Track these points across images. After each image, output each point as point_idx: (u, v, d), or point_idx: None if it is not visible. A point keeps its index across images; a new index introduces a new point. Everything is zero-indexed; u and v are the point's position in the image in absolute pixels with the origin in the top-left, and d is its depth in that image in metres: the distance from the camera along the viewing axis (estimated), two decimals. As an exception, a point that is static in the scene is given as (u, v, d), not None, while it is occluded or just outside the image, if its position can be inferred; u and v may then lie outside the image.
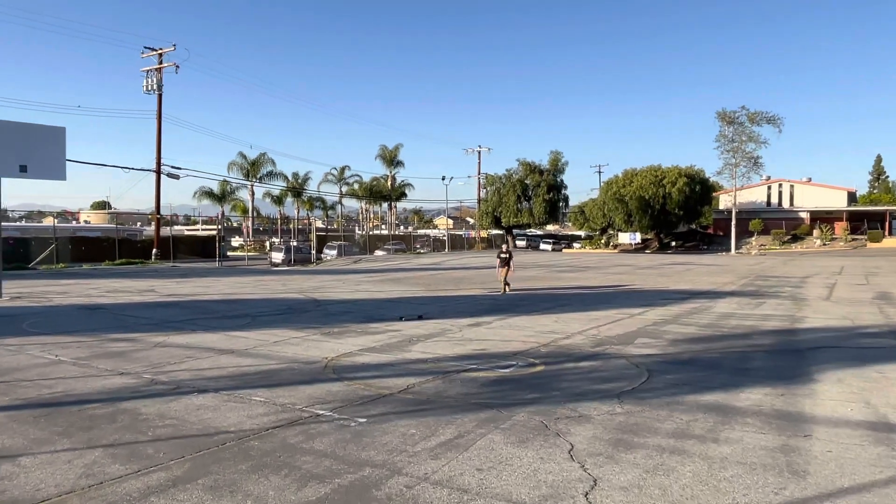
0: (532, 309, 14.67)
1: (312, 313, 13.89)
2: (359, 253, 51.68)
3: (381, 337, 10.48)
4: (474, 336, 10.59)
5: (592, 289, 20.61)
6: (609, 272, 29.20)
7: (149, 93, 37.61)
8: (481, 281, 23.92)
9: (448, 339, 10.20)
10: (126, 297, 17.11)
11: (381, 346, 9.48)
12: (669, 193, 64.99)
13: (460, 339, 10.21)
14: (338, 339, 10.26)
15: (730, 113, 57.14)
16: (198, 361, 8.23)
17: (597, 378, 7.34)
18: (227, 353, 8.86)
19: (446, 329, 11.43)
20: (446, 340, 10.13)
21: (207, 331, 11.05)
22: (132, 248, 41.42)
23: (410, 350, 9.23)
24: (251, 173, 71.03)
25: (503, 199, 64.67)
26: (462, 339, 10.21)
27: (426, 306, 15.25)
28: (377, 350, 9.17)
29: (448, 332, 10.99)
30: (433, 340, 10.12)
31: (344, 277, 25.76)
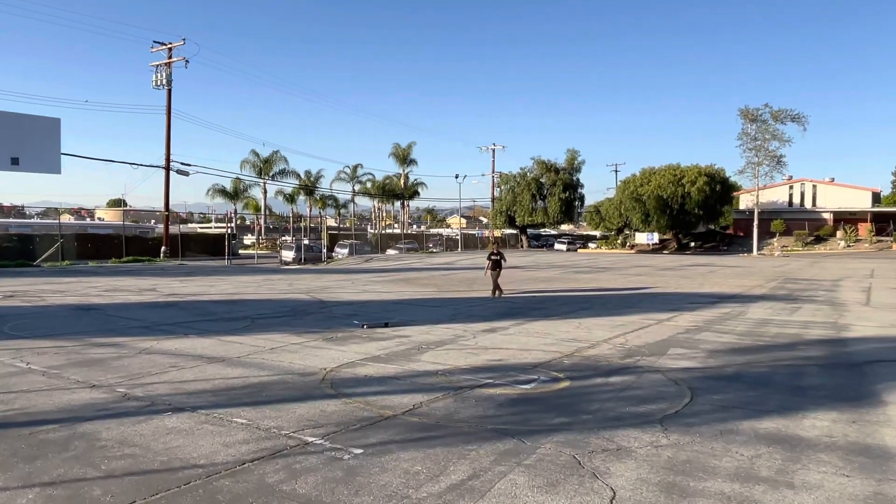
0: (551, 313, 13.70)
1: (316, 316, 13.04)
2: (370, 252, 50.91)
3: (387, 344, 9.58)
4: (489, 344, 9.66)
5: (613, 291, 19.58)
6: (628, 273, 28.11)
7: (158, 88, 37.02)
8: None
9: (461, 348, 9.28)
10: (124, 296, 16.37)
11: (387, 355, 8.58)
12: (689, 193, 63.56)
13: (474, 348, 9.28)
14: (340, 345, 9.37)
15: (753, 110, 55.70)
16: (181, 372, 7.38)
17: (632, 398, 6.38)
18: (217, 361, 8.00)
19: (459, 335, 10.50)
20: (459, 349, 9.20)
21: (201, 335, 10.22)
22: (143, 246, 40.96)
23: (419, 360, 8.32)
24: (263, 171, 70.56)
25: (518, 197, 63.60)
26: (476, 348, 9.28)
27: (438, 309, 14.34)
28: (382, 359, 8.27)
29: (461, 339, 10.06)
30: (445, 349, 9.20)
31: (353, 277, 24.93)
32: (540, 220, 63.90)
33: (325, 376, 7.17)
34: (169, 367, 7.65)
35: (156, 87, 37.09)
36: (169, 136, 37.18)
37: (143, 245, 41.45)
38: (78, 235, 39.10)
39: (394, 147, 78.47)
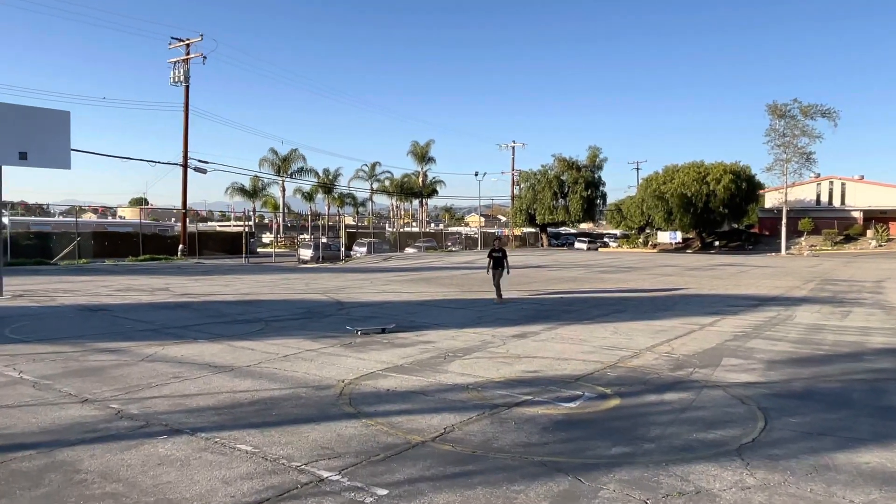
0: (583, 316, 12.83)
1: (333, 318, 12.30)
2: (389, 250, 50.28)
3: (410, 351, 8.80)
4: (522, 351, 8.84)
5: (644, 293, 18.63)
6: (656, 273, 27.07)
7: (176, 84, 36.68)
8: (518, 282, 22.10)
9: (491, 356, 8.46)
10: (135, 296, 15.79)
11: (411, 364, 7.79)
12: (714, 191, 62.06)
13: (506, 356, 8.46)
14: (359, 352, 8.60)
15: (781, 106, 54.03)
16: (184, 384, 6.66)
17: (696, 421, 5.52)
18: (224, 371, 7.27)
19: (487, 341, 9.69)
20: (489, 357, 8.39)
21: (211, 339, 9.52)
22: (161, 244, 40.73)
23: (446, 370, 7.52)
24: (282, 169, 70.37)
25: (538, 195, 62.55)
26: (508, 356, 8.46)
27: (462, 311, 13.54)
28: (406, 369, 7.48)
29: (490, 346, 9.25)
30: (473, 357, 8.39)
31: (372, 276, 24.22)
32: (561, 218, 62.78)
33: (343, 390, 6.41)
34: (171, 377, 6.94)
35: (174, 84, 36.75)
36: (186, 134, 36.84)
37: (161, 243, 41.21)
38: (96, 233, 38.91)
39: (412, 145, 77.90)
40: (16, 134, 13.66)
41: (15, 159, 13.70)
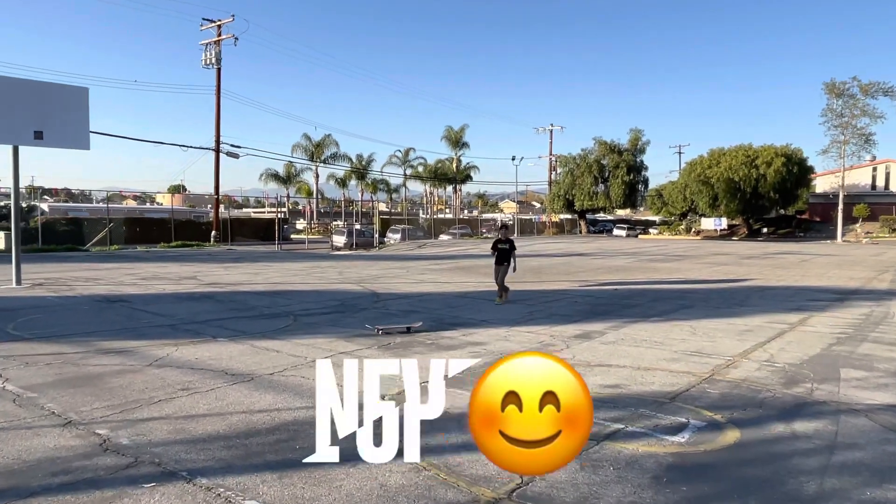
0: (648, 312, 11.37)
1: (369, 312, 11.11)
2: (423, 237, 49.12)
3: (458, 354, 7.53)
4: (592, 357, 7.48)
5: (704, 283, 17.00)
6: (710, 262, 25.26)
7: (208, 67, 35.92)
8: (565, 271, 20.66)
9: (556, 363, 7.12)
10: (160, 285, 14.88)
11: (464, 374, 6.51)
12: (764, 175, 59.12)
13: (574, 364, 7.10)
14: (401, 357, 7.36)
15: (839, 84, 50.84)
16: (193, 399, 5.50)
17: (857, 468, 4.11)
18: (243, 380, 6.11)
19: (546, 343, 8.36)
20: (554, 365, 7.05)
21: (232, 337, 8.41)
22: (195, 230, 40.34)
23: (507, 383, 6.21)
24: (315, 155, 69.69)
25: (577, 180, 60.53)
26: (577, 364, 7.10)
27: (509, 304, 12.21)
28: (458, 382, 6.20)
29: (551, 349, 7.91)
30: (535, 364, 7.06)
31: (408, 265, 23.03)
32: (601, 204, 60.69)
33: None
34: (180, 389, 5.79)
35: (205, 67, 36.00)
36: (219, 117, 36.12)
37: (195, 229, 40.84)
38: (129, 220, 38.68)
39: (446, 130, 76.29)
40: (30, 112, 12.75)
41: (30, 139, 12.80)
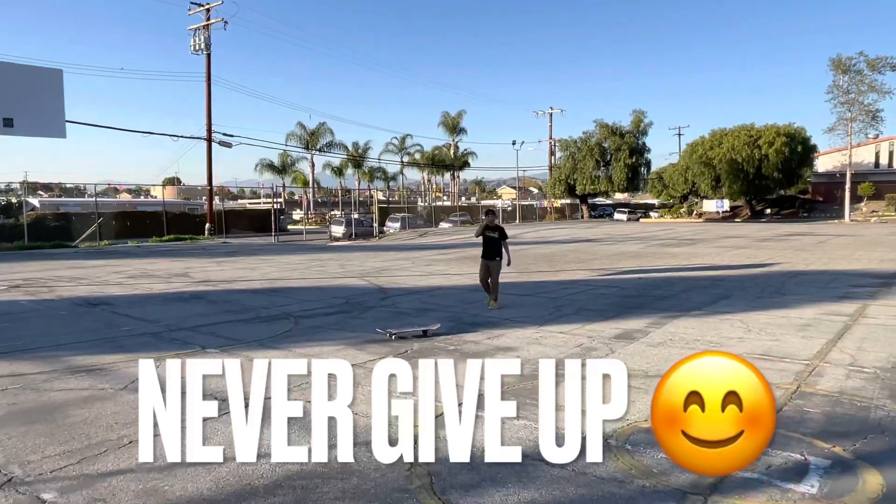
0: (686, 305, 10.30)
1: (377, 311, 10.01)
2: (423, 225, 47.97)
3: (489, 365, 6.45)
4: (646, 364, 6.40)
5: (731, 269, 15.93)
6: (725, 246, 24.20)
7: (197, 53, 34.53)
8: (579, 258, 19.58)
9: (607, 374, 6.04)
10: (148, 284, 13.74)
11: (503, 392, 5.43)
12: (766, 155, 58.03)
13: (629, 377, 6.03)
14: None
15: (845, 60, 49.60)
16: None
17: None
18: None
19: (586, 346, 7.28)
20: (605, 376, 5.97)
21: (223, 348, 7.31)
22: (189, 223, 39.12)
23: (559, 404, 5.12)
24: (310, 144, 68.32)
25: (578, 164, 59.29)
26: (632, 375, 6.03)
27: (532, 298, 11.12)
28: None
29: (594, 355, 6.83)
30: (583, 376, 5.98)
31: (412, 255, 21.92)
32: (603, 188, 59.56)
33: (416, 454, 4.07)
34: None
35: (195, 53, 34.60)
36: (210, 105, 34.79)
37: (189, 222, 39.60)
38: (120, 214, 37.42)
39: (443, 116, 75.00)
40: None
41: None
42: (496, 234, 10.20)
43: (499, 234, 10.20)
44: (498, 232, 10.21)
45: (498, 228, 10.26)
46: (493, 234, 10.20)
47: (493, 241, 10.20)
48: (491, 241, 10.21)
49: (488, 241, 10.22)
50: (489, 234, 10.23)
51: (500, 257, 10.20)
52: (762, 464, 3.85)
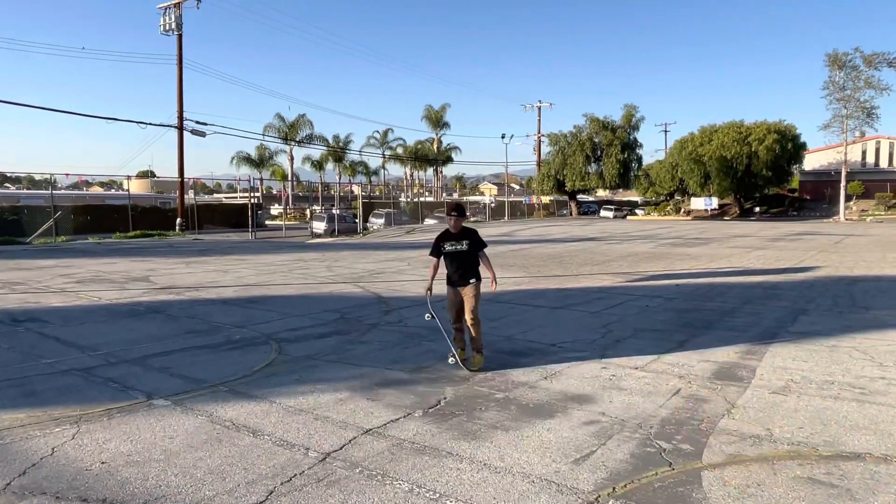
0: (763, 323, 8.36)
1: (382, 332, 7.90)
2: (408, 222, 45.82)
3: (568, 428, 4.42)
4: (799, 433, 4.40)
5: (770, 275, 14.10)
6: (739, 246, 22.47)
7: (167, 33, 31.88)
8: (591, 260, 17.64)
9: (763, 457, 4.02)
10: (97, 292, 11.44)
11: (624, 495, 3.39)
12: (756, 152, 57.02)
13: (792, 454, 4.01)
14: (471, 441, 4.22)
15: (841, 55, 48.44)
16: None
17: None
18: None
19: (689, 395, 5.27)
20: (763, 460, 3.95)
21: (179, 397, 5.17)
22: (159, 218, 36.49)
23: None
24: (289, 136, 65.62)
25: (568, 159, 57.50)
26: (797, 453, 4.02)
27: (565, 312, 9.10)
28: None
29: (712, 410, 4.83)
30: (732, 464, 3.96)
31: (405, 255, 19.80)
32: (594, 184, 57.89)
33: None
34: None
35: (164, 33, 31.95)
36: (181, 90, 32.18)
37: (160, 217, 36.97)
38: (84, 207, 34.68)
39: (426, 109, 72.89)
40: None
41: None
42: (466, 243, 6.21)
43: (470, 243, 6.22)
44: (468, 239, 6.22)
45: (468, 234, 6.26)
46: (461, 244, 6.21)
47: (463, 256, 6.20)
48: (460, 255, 6.20)
49: (455, 257, 6.21)
50: (453, 246, 6.22)
51: (478, 278, 6.22)
52: None
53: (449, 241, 6.28)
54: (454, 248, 6.24)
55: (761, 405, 4.94)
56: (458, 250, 6.23)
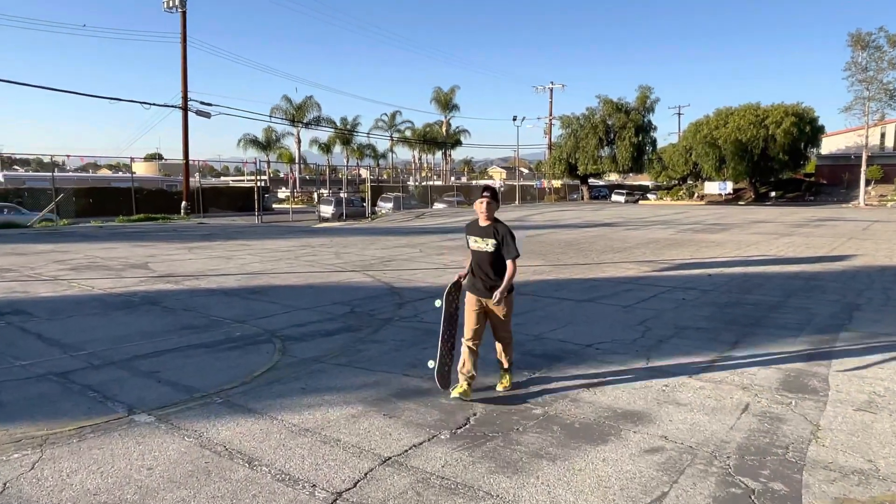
0: (816, 321, 7.57)
1: (397, 328, 7.16)
2: (417, 206, 45.03)
3: (626, 458, 3.68)
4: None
5: (806, 264, 13.24)
6: (764, 232, 21.56)
7: (170, 10, 30.97)
8: (610, 247, 16.81)
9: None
10: (90, 280, 10.76)
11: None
12: (773, 135, 55.64)
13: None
14: (511, 475, 3.48)
15: (864, 35, 46.86)
16: None
17: None
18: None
19: (760, 413, 4.50)
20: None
21: (163, 409, 4.46)
22: (166, 201, 35.91)
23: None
24: (296, 118, 64.68)
25: (580, 143, 56.27)
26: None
27: (591, 306, 8.32)
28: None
29: (792, 434, 4.06)
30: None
31: (416, 241, 19.04)
32: (607, 168, 56.72)
33: None
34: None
35: (168, 10, 31.04)
36: (185, 69, 31.32)
37: (166, 200, 36.37)
38: (88, 190, 34.08)
39: (435, 91, 71.64)
40: None
41: None
42: (492, 244, 4.79)
43: (497, 245, 4.80)
44: (496, 240, 4.79)
45: (498, 231, 4.83)
46: (486, 244, 4.81)
47: (488, 259, 4.82)
48: (484, 258, 4.84)
49: (479, 258, 4.87)
50: (477, 243, 4.87)
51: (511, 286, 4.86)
52: None
53: (473, 236, 4.88)
54: (477, 247, 4.86)
55: (850, 427, 4.17)
56: (481, 250, 4.83)
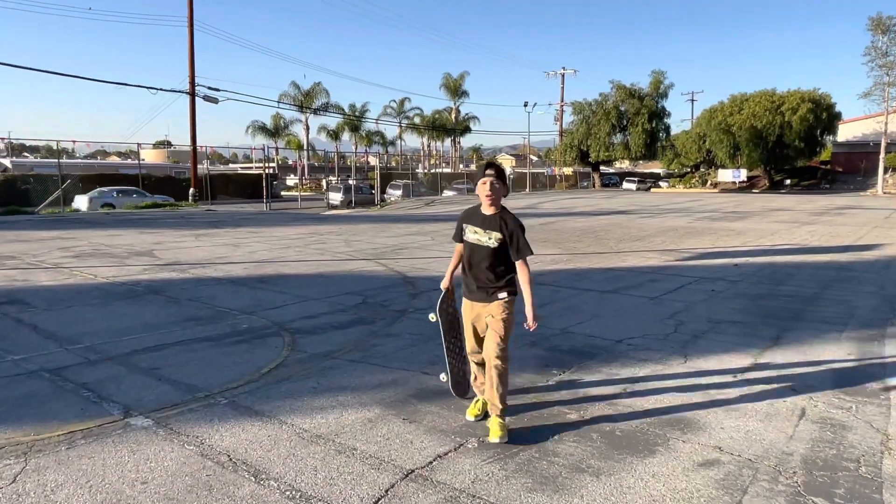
0: (859, 315, 7.10)
1: (412, 321, 6.76)
2: (427, 193, 44.55)
3: (680, 472, 3.25)
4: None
5: (833, 253, 12.73)
6: (784, 220, 20.98)
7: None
8: (628, 235, 16.33)
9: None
10: (93, 269, 10.42)
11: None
12: (789, 122, 54.63)
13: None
14: (551, 493, 3.07)
15: (885, 19, 45.69)
16: None
17: None
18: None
19: (822, 421, 4.06)
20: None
21: (161, 411, 4.08)
22: (175, 188, 35.72)
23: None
24: (304, 105, 64.18)
25: (592, 129, 55.49)
26: None
27: (616, 297, 7.88)
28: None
29: (852, 437, 3.63)
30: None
31: (427, 229, 18.63)
32: (619, 155, 55.95)
33: None
34: None
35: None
36: (192, 54, 30.90)
37: (175, 187, 36.17)
38: (89, 176, 33.82)
39: (444, 77, 70.82)
40: None
41: None
42: (496, 237, 3.70)
43: (503, 240, 3.70)
44: (502, 233, 3.69)
45: (505, 222, 3.71)
46: (489, 236, 3.72)
47: (487, 255, 3.75)
48: (482, 253, 3.76)
49: (477, 253, 3.78)
50: (476, 234, 3.76)
51: (512, 292, 3.81)
52: None
53: (472, 226, 3.77)
54: (476, 239, 3.74)
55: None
56: (481, 244, 3.73)
